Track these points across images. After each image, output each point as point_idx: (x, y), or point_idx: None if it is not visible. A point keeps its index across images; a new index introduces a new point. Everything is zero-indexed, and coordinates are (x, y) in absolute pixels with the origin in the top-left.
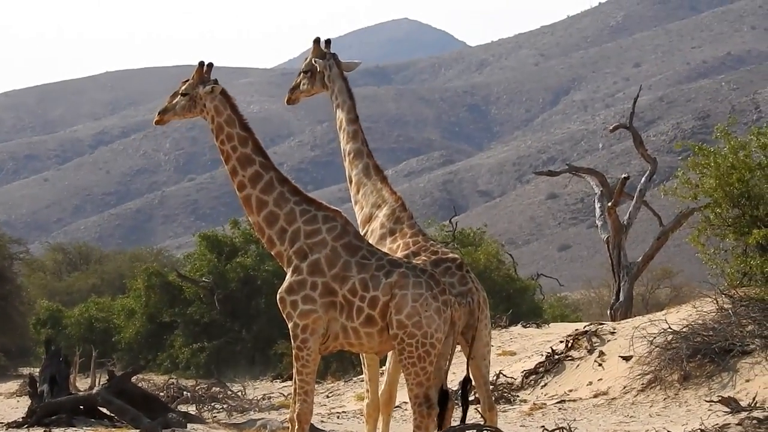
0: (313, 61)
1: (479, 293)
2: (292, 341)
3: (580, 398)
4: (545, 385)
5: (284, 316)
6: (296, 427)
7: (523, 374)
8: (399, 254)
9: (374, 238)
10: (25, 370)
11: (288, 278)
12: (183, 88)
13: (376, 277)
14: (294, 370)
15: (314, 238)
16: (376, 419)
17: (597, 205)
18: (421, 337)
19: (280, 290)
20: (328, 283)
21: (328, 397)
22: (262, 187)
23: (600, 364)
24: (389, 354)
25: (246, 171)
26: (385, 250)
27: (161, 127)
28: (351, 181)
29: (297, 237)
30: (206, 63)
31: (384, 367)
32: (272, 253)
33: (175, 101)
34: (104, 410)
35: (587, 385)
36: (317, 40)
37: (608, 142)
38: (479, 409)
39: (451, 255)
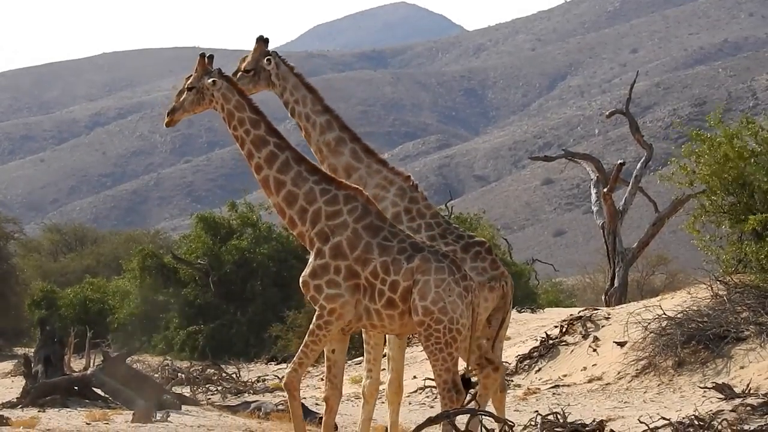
0: (265, 61)
1: (509, 278)
2: (314, 319)
3: (575, 383)
4: (539, 370)
5: (308, 300)
6: (288, 394)
7: (517, 359)
8: (422, 234)
9: None
10: (20, 351)
11: (311, 262)
12: (188, 83)
13: (398, 260)
14: (305, 341)
15: (335, 219)
16: (375, 399)
17: (593, 191)
18: (448, 323)
19: (303, 274)
20: (351, 265)
21: (322, 380)
22: (278, 167)
23: (594, 350)
24: (391, 343)
25: (261, 152)
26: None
27: (157, 108)
28: (336, 171)
29: (318, 218)
30: (207, 55)
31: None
32: (294, 233)
33: (182, 98)
34: (99, 391)
35: (581, 370)
36: (260, 38)
37: (604, 127)
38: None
39: (478, 239)
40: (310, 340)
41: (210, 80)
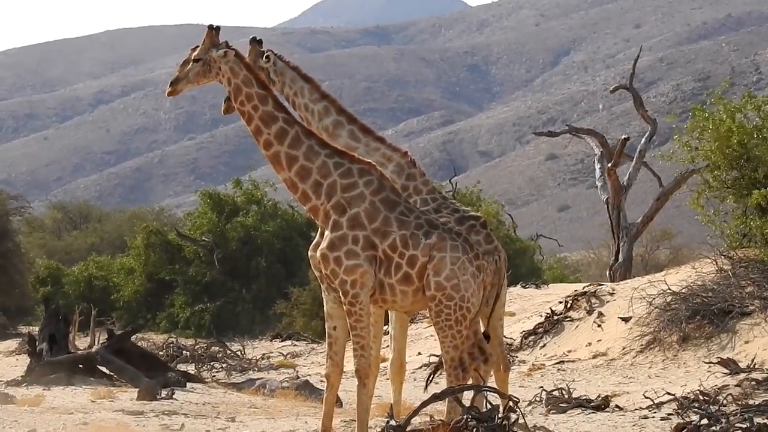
0: (263, 60)
1: (503, 252)
2: (342, 298)
3: (579, 359)
4: (544, 345)
5: (328, 274)
6: (358, 382)
7: (522, 335)
8: None
9: None
10: (24, 329)
11: (328, 234)
12: (195, 54)
13: (416, 235)
14: (348, 327)
15: (351, 192)
16: (375, 376)
17: (597, 166)
18: (459, 300)
19: (321, 247)
20: (369, 236)
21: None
22: (289, 142)
23: (599, 325)
24: (394, 321)
25: (270, 128)
26: None
27: (161, 85)
28: None
29: (333, 191)
30: (215, 26)
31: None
32: (306, 208)
33: (187, 69)
34: (103, 369)
35: (586, 345)
36: (253, 40)
37: (608, 103)
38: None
39: (473, 213)
40: (353, 321)
41: (221, 51)
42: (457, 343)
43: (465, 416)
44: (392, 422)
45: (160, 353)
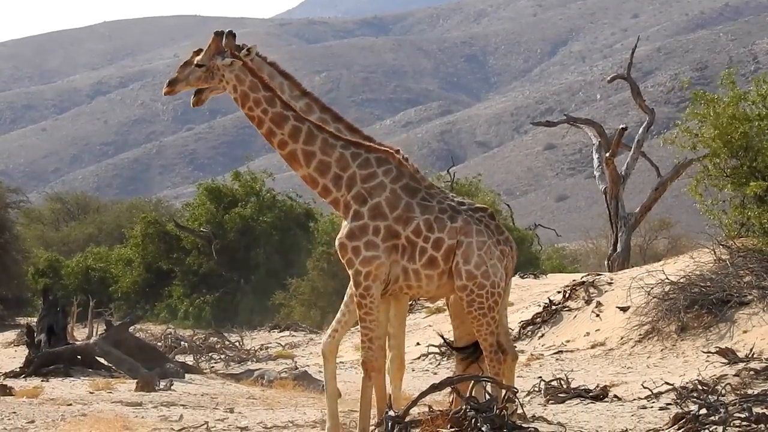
0: (241, 54)
1: (513, 242)
2: (354, 289)
3: (578, 349)
4: (543, 335)
5: (344, 263)
6: (364, 374)
7: (520, 325)
8: None
9: None
10: (23, 320)
11: (348, 224)
12: (198, 59)
13: (440, 219)
14: (358, 318)
15: (371, 181)
16: (384, 371)
17: (595, 156)
18: (490, 287)
19: (339, 236)
20: (391, 225)
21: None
22: (304, 139)
23: (597, 315)
24: (392, 318)
25: (283, 129)
26: None
27: (159, 76)
28: None
29: (353, 182)
30: (226, 32)
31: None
32: (327, 201)
33: (187, 72)
34: (102, 360)
35: (585, 335)
36: (229, 33)
37: (606, 92)
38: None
39: (479, 205)
40: (362, 313)
41: (227, 60)
42: (492, 328)
43: (464, 406)
44: (391, 413)
45: (159, 344)
